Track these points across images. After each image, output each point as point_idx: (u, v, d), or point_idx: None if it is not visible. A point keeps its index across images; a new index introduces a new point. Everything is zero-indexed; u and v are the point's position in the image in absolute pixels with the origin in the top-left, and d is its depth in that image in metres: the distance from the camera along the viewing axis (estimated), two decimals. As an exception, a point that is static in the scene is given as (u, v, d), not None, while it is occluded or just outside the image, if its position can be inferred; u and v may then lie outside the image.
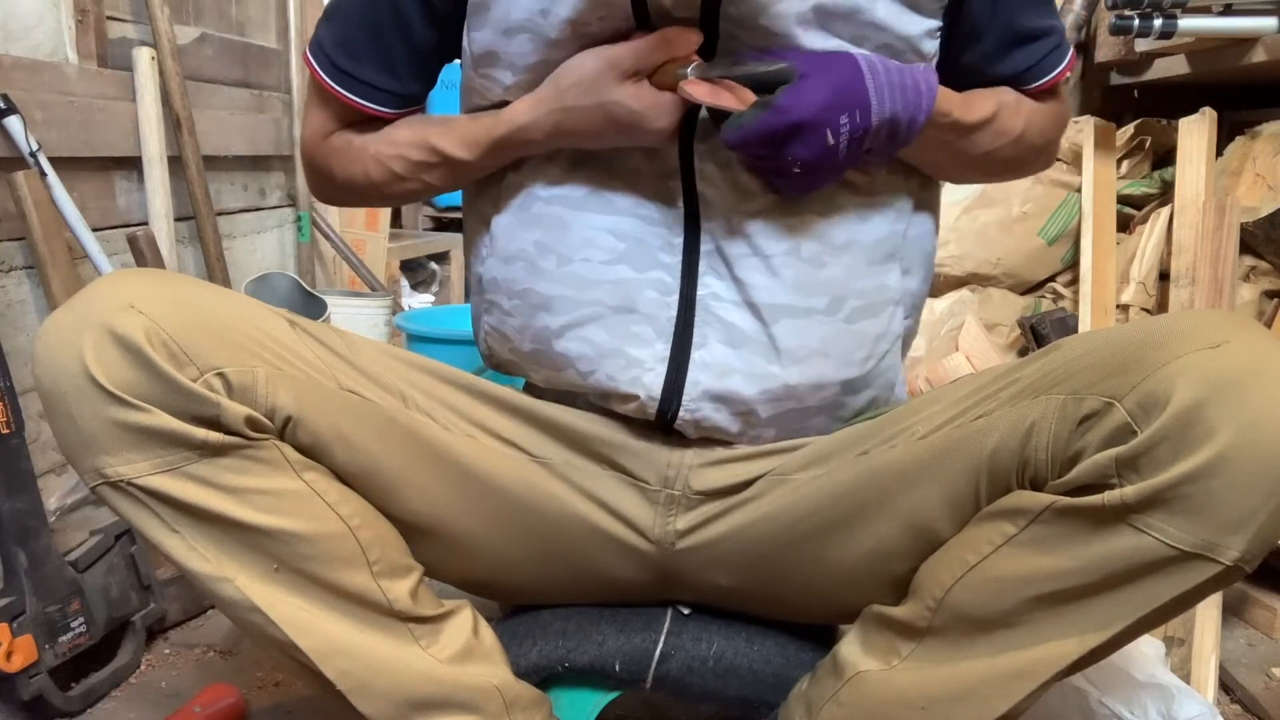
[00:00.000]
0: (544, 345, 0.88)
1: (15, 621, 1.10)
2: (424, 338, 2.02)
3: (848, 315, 0.86)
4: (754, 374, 0.85)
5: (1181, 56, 1.77)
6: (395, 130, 0.94)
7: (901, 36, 0.82)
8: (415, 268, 3.42)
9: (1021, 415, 0.75)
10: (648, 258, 0.85)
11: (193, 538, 0.77)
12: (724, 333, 0.85)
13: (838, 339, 0.86)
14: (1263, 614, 1.44)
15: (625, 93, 0.81)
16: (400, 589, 0.83)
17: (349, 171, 0.96)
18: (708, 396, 0.86)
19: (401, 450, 0.85)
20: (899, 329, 0.91)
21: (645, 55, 0.80)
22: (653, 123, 0.81)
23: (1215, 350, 0.67)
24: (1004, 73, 0.91)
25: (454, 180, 0.94)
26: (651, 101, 0.81)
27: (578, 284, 0.86)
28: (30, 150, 1.48)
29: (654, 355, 0.86)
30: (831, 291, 0.86)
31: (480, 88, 0.90)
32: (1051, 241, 1.93)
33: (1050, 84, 0.92)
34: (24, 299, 1.53)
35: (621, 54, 0.81)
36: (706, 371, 0.85)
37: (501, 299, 0.91)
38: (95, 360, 0.72)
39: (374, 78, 0.93)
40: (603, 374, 0.87)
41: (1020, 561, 0.74)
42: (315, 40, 0.94)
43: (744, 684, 0.93)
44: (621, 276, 0.85)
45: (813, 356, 0.86)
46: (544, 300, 0.87)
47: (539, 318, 0.88)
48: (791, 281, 0.84)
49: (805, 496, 0.86)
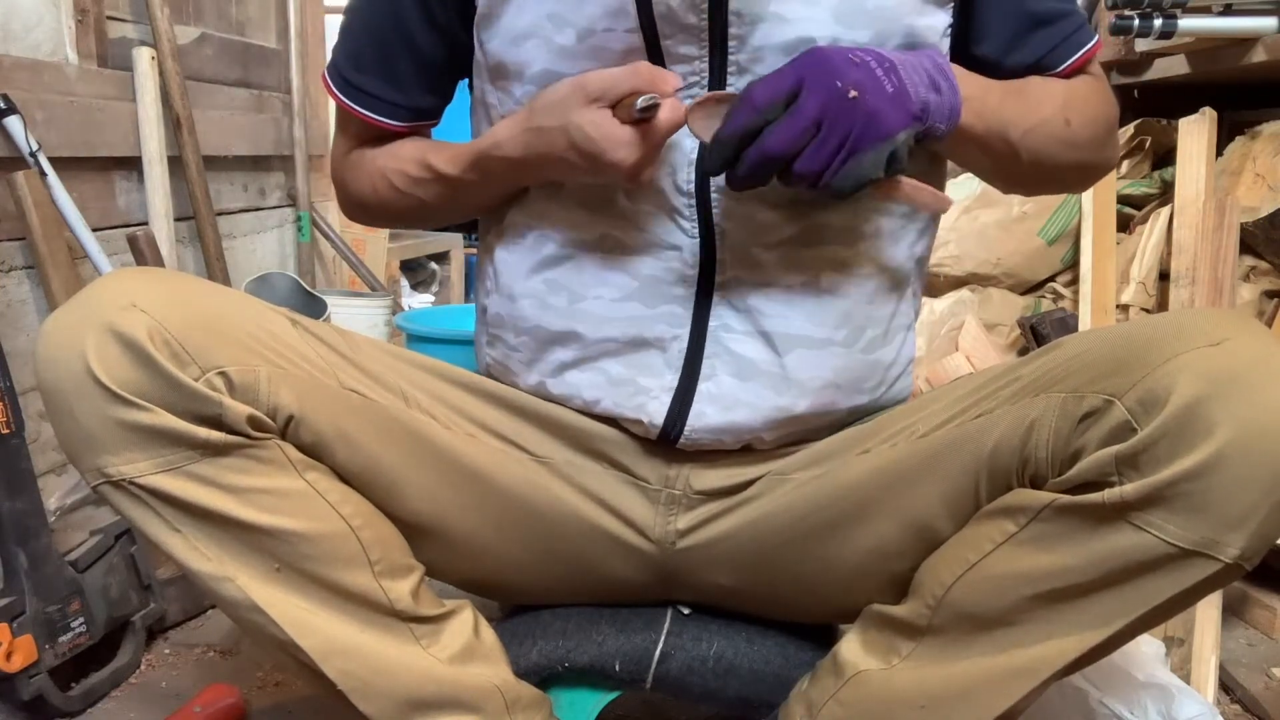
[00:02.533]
0: (551, 378, 0.89)
1: (15, 621, 1.10)
2: (424, 338, 2.02)
3: (865, 345, 0.86)
4: (761, 406, 0.85)
5: (1181, 56, 1.77)
6: (401, 146, 0.95)
7: (920, 30, 0.81)
8: (415, 268, 3.41)
9: (1022, 413, 0.75)
10: (660, 293, 0.85)
11: (194, 537, 0.77)
12: (733, 365, 0.85)
13: (851, 369, 0.86)
14: (1263, 614, 1.44)
15: (585, 117, 0.78)
16: (401, 589, 0.83)
17: (359, 186, 0.97)
18: (711, 429, 0.86)
19: (403, 449, 0.85)
20: (910, 352, 0.91)
21: (613, 84, 0.78)
22: (609, 153, 0.77)
23: (1215, 348, 0.67)
24: (1022, 61, 0.88)
25: (449, 199, 0.93)
26: (608, 132, 0.77)
27: (590, 321, 0.86)
28: (30, 150, 1.48)
29: (662, 385, 0.86)
30: (851, 322, 0.85)
31: (496, 102, 0.89)
32: (1051, 241, 1.93)
33: (1075, 66, 0.88)
34: (24, 299, 1.53)
35: (590, 79, 0.79)
36: (713, 404, 0.85)
37: (507, 335, 0.91)
38: (97, 359, 0.72)
39: (380, 90, 0.93)
40: (609, 402, 0.87)
41: (1020, 560, 0.74)
42: (331, 59, 0.96)
43: (744, 684, 0.93)
44: (633, 314, 0.85)
45: (825, 387, 0.86)
46: (554, 336, 0.87)
47: (549, 353, 0.88)
48: (809, 312, 0.84)
49: (805, 496, 0.86)
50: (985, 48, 0.87)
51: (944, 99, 0.77)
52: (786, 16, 0.78)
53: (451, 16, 0.89)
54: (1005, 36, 0.87)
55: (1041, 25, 0.88)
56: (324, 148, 2.64)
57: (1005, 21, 0.87)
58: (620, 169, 0.78)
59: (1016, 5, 0.86)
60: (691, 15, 0.79)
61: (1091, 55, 0.89)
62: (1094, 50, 0.90)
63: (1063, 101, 0.86)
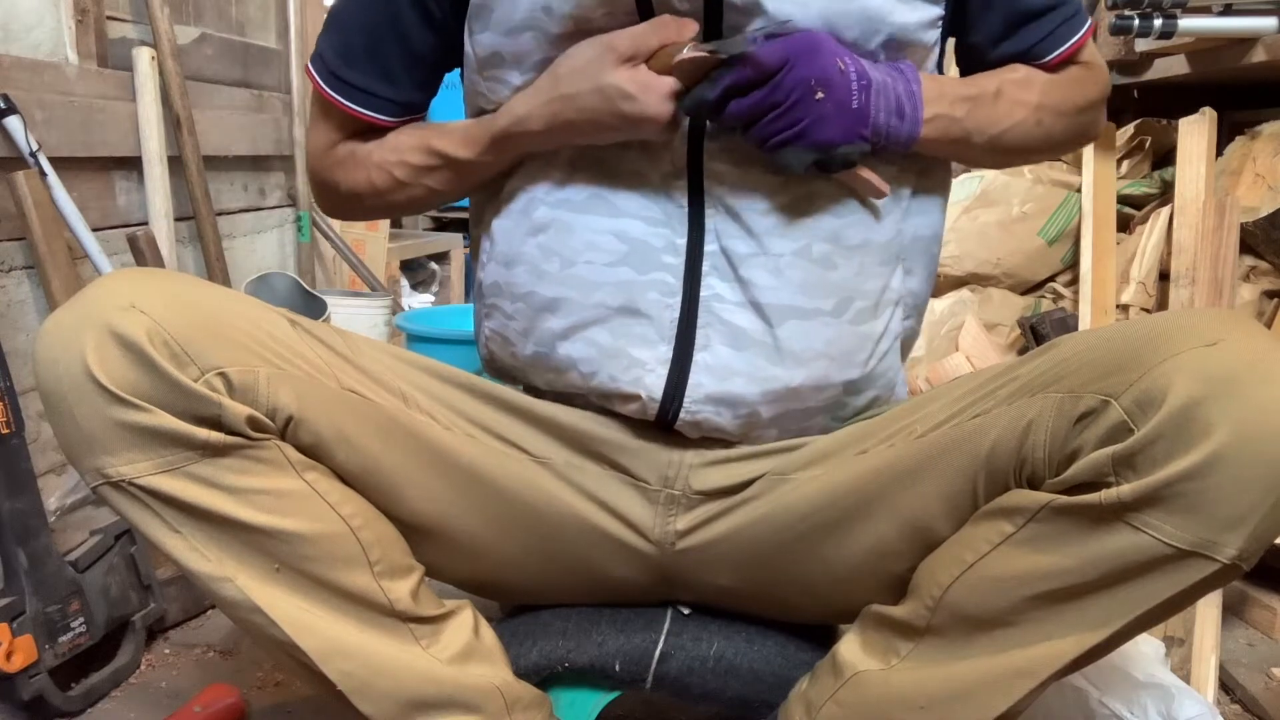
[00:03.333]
0: (546, 348, 0.89)
1: (15, 621, 1.10)
2: (424, 338, 2.02)
3: (853, 317, 0.86)
4: (757, 376, 0.85)
5: (1181, 56, 1.77)
6: (397, 137, 0.95)
7: (908, 27, 0.83)
8: (415, 268, 3.41)
9: (1019, 414, 0.75)
10: (650, 259, 0.85)
11: (194, 538, 0.77)
12: (727, 334, 0.85)
13: (842, 340, 0.86)
14: (1263, 614, 1.44)
15: (621, 75, 0.80)
16: (401, 589, 0.83)
17: (352, 181, 0.97)
18: (709, 399, 0.85)
19: (402, 450, 0.85)
20: (897, 328, 0.91)
21: (642, 39, 0.80)
22: (649, 107, 0.80)
23: (1212, 348, 0.67)
24: (1009, 51, 0.90)
25: (457, 183, 0.94)
26: (647, 83, 0.80)
27: (581, 286, 0.86)
28: (30, 150, 1.48)
29: (656, 357, 0.86)
30: (840, 293, 0.86)
31: (486, 90, 0.90)
32: (1051, 241, 1.93)
33: (1062, 58, 0.91)
34: (24, 299, 1.53)
35: (618, 39, 0.81)
36: (709, 374, 0.85)
37: (504, 303, 0.91)
38: (97, 360, 0.72)
39: (372, 85, 0.93)
40: (605, 375, 0.87)
41: (1018, 560, 0.74)
42: (316, 51, 0.95)
43: (744, 684, 0.93)
44: (624, 278, 0.85)
45: (818, 358, 0.86)
46: (547, 302, 0.87)
47: (542, 320, 0.88)
48: (799, 282, 0.84)
49: (804, 496, 0.86)
50: (974, 37, 0.91)
51: (904, 124, 0.83)
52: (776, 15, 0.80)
53: (448, 12, 0.89)
54: (995, 29, 0.89)
55: (1031, 19, 0.89)
56: (324, 147, 2.64)
57: (995, 15, 0.89)
58: (659, 120, 0.81)
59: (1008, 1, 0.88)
60: (685, 3, 0.81)
61: (1079, 46, 0.91)
62: (1081, 41, 0.91)
63: (1036, 103, 0.89)
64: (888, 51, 0.84)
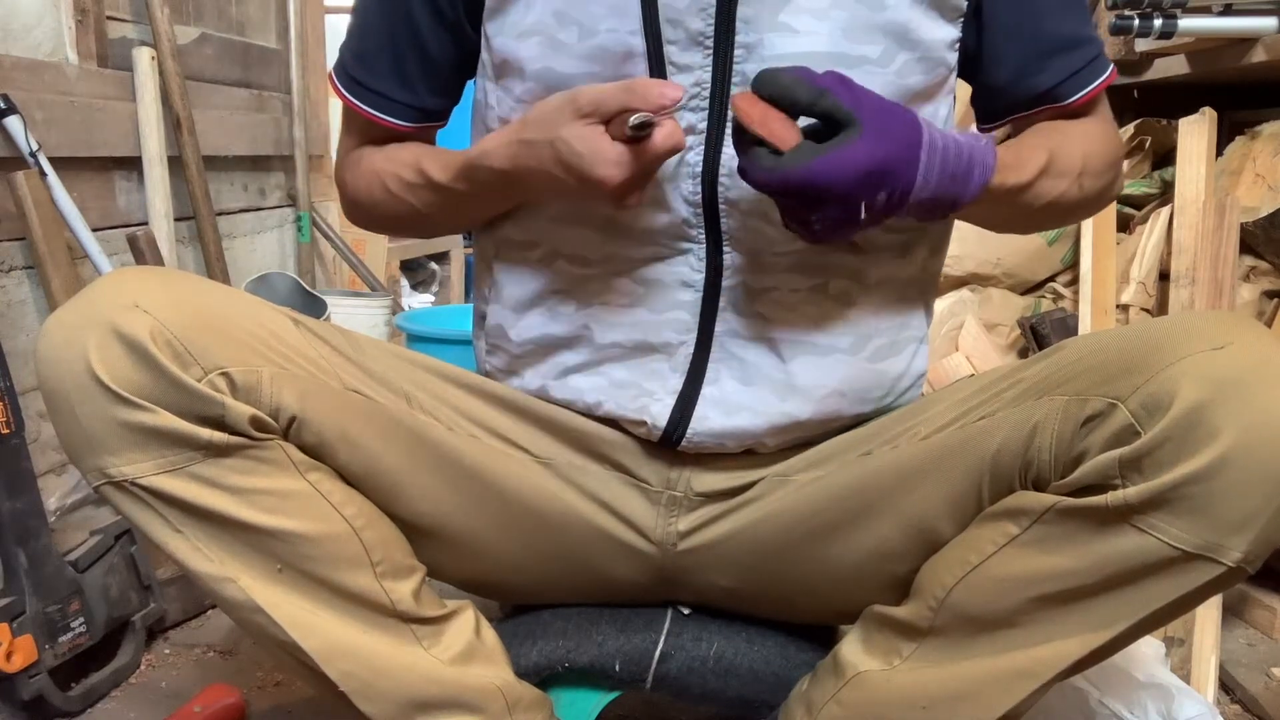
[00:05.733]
0: (554, 381, 0.88)
1: (15, 621, 1.10)
2: (424, 338, 2.02)
3: (871, 354, 0.86)
4: (763, 411, 0.85)
5: (1181, 56, 1.77)
6: (399, 149, 0.94)
7: (932, 45, 0.81)
8: (415, 268, 3.41)
9: (1025, 416, 0.75)
10: (666, 299, 0.85)
11: (196, 538, 0.77)
12: (738, 370, 0.85)
13: (858, 378, 0.86)
14: (1263, 614, 1.44)
15: (573, 131, 0.75)
16: (403, 590, 0.83)
17: (357, 187, 0.96)
18: (713, 432, 0.85)
19: (405, 450, 0.85)
20: (921, 367, 0.91)
21: (605, 99, 0.74)
22: (594, 169, 0.74)
23: (1218, 352, 0.67)
24: (1034, 88, 0.87)
25: (438, 207, 0.92)
26: (594, 147, 0.74)
27: (598, 326, 0.86)
28: (30, 150, 1.48)
29: (666, 388, 0.86)
30: (856, 330, 0.85)
31: (495, 103, 0.88)
32: (1051, 241, 1.93)
33: (1089, 97, 0.87)
34: (24, 299, 1.53)
35: (582, 93, 0.76)
36: (715, 408, 0.85)
37: (509, 345, 0.90)
38: (99, 359, 0.72)
39: (388, 89, 0.92)
40: (612, 404, 0.87)
41: (1022, 562, 0.74)
42: (338, 58, 0.95)
43: (744, 684, 0.93)
44: (639, 319, 0.85)
45: (829, 395, 0.85)
46: (562, 341, 0.87)
47: (555, 356, 0.88)
48: (814, 318, 0.84)
49: (807, 497, 0.86)
50: (996, 73, 0.86)
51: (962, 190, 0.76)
52: (795, 28, 0.78)
53: (460, 13, 0.88)
54: (1020, 59, 0.86)
55: (1060, 50, 0.86)
56: (324, 148, 2.64)
57: (1021, 46, 0.85)
58: (605, 186, 0.75)
59: (1034, 25, 0.85)
60: (698, 20, 0.79)
61: (1102, 89, 0.88)
62: (1106, 83, 0.88)
63: (1080, 168, 0.86)
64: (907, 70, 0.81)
